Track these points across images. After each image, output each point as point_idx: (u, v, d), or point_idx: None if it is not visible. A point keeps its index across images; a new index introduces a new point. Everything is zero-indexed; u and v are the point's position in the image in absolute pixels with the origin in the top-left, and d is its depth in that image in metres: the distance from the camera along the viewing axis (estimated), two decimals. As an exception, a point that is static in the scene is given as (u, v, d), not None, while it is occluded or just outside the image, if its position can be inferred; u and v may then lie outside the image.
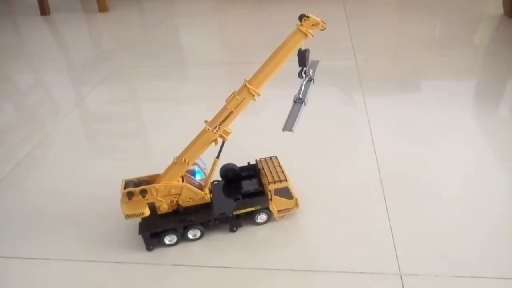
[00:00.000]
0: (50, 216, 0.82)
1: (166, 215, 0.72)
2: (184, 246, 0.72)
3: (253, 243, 0.71)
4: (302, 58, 0.66)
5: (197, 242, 0.72)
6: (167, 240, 0.71)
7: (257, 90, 0.65)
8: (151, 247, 0.71)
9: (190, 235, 0.72)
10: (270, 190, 0.72)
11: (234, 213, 0.72)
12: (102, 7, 2.25)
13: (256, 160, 0.79)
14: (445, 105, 1.09)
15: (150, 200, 0.70)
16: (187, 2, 2.33)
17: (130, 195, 0.69)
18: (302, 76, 0.69)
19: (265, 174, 0.74)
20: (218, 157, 0.70)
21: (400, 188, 0.81)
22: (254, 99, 0.66)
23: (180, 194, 0.71)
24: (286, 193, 0.73)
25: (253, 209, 0.73)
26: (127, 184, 0.71)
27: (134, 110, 1.25)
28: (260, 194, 0.74)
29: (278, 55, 0.64)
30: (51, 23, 2.18)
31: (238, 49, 1.65)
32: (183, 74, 1.46)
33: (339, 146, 0.96)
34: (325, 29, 0.62)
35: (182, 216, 0.72)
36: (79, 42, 1.87)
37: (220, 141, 0.69)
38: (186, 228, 0.71)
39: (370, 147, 0.94)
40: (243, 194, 0.74)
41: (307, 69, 0.69)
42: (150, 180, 0.72)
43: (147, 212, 0.70)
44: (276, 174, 0.74)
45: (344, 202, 0.79)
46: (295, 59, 0.66)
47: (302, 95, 0.70)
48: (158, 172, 0.72)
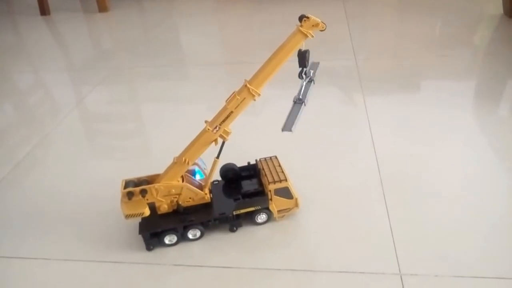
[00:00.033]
0: (50, 216, 0.82)
1: (166, 215, 0.72)
2: (184, 246, 0.72)
3: (253, 243, 0.71)
4: (302, 59, 0.66)
5: (197, 242, 0.73)
6: (167, 240, 0.71)
7: (257, 90, 0.65)
8: (151, 247, 0.71)
9: (190, 235, 0.72)
10: (270, 190, 0.72)
11: (234, 213, 0.72)
12: (102, 7, 2.25)
13: (256, 160, 0.79)
14: (445, 105, 1.09)
15: (150, 200, 0.71)
16: (187, 2, 2.33)
17: (130, 195, 0.69)
18: (302, 77, 0.69)
19: (265, 174, 0.74)
20: (218, 157, 0.70)
21: (400, 188, 0.81)
22: (254, 99, 0.66)
23: (180, 194, 0.71)
24: (286, 193, 0.73)
25: (253, 209, 0.73)
26: (127, 184, 0.71)
27: (134, 110, 1.25)
28: (260, 194, 0.74)
29: (278, 56, 0.64)
30: (51, 23, 2.18)
31: (238, 49, 1.65)
32: (183, 74, 1.46)
33: (339, 146, 0.96)
34: (325, 30, 0.62)
35: (182, 216, 0.72)
36: (79, 42, 1.87)
37: (220, 141, 0.69)
38: (186, 228, 0.71)
39: (370, 147, 0.94)
40: (243, 194, 0.74)
41: (307, 70, 0.69)
42: (150, 180, 0.72)
43: (147, 212, 0.70)
44: (276, 174, 0.74)
45: (344, 202, 0.79)
46: (296, 59, 0.66)
47: (302, 96, 0.70)
48: (158, 172, 0.72)
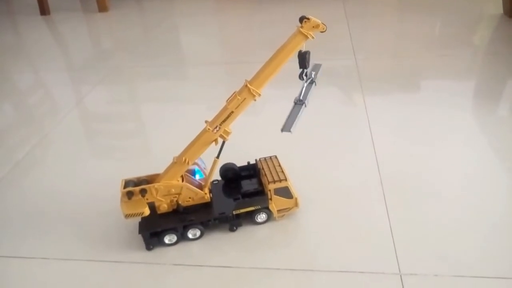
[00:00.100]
0: (50, 216, 0.82)
1: (166, 215, 0.72)
2: (184, 246, 0.72)
3: (252, 243, 0.71)
4: (303, 60, 0.66)
5: (197, 242, 0.72)
6: (167, 239, 0.71)
7: (258, 91, 0.65)
8: (151, 247, 0.71)
9: (190, 235, 0.72)
10: (270, 190, 0.72)
11: (234, 212, 0.72)
12: (102, 7, 2.25)
13: (256, 159, 0.79)
14: (445, 105, 1.09)
15: (150, 199, 0.71)
16: (187, 2, 2.33)
17: (130, 195, 0.69)
18: (302, 78, 0.69)
19: (265, 173, 0.74)
20: (218, 157, 0.70)
21: (400, 188, 0.81)
22: (255, 100, 0.66)
23: (180, 194, 0.71)
24: (286, 192, 0.73)
25: (253, 208, 0.73)
26: (127, 183, 0.71)
27: (134, 110, 1.25)
28: (260, 193, 0.74)
29: (278, 57, 0.64)
30: (51, 23, 2.18)
31: (238, 49, 1.65)
32: (183, 74, 1.46)
33: (339, 146, 0.96)
34: (325, 31, 0.62)
35: (182, 215, 0.72)
36: (79, 41, 1.87)
37: (220, 141, 0.69)
38: (186, 227, 0.71)
39: (370, 147, 0.94)
40: (243, 194, 0.74)
41: (308, 71, 0.69)
42: (150, 179, 0.72)
43: (147, 211, 0.70)
44: (276, 173, 0.74)
45: (344, 202, 0.79)
46: (296, 59, 0.66)
47: (303, 97, 0.70)
48: (158, 172, 0.72)
